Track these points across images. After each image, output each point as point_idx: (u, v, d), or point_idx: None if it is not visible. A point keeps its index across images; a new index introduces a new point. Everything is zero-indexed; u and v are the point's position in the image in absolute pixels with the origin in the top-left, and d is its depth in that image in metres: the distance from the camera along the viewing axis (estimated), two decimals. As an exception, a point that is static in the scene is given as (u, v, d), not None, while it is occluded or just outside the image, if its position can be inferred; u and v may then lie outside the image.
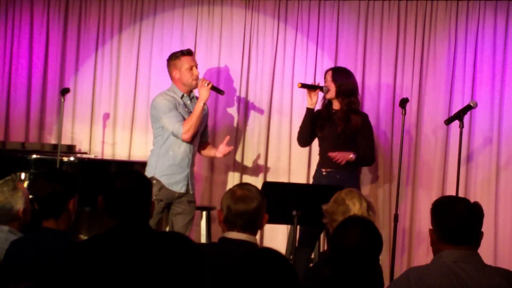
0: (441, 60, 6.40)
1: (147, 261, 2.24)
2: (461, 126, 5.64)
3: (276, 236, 6.61)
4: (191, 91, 5.84)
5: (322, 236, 6.07)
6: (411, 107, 6.32)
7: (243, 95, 6.76)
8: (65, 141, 6.94)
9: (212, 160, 6.77)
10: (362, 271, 2.99)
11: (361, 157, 5.77)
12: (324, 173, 5.79)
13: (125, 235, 3.17)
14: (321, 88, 5.83)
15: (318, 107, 5.97)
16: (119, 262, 2.91)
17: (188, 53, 5.85)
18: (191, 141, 5.72)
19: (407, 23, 6.49)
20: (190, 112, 5.74)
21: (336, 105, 5.82)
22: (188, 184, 5.73)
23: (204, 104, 5.71)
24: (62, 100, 6.30)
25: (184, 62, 5.78)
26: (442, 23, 6.41)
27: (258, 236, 3.48)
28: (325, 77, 5.87)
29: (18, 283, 3.24)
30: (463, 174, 6.13)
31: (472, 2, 6.37)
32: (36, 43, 7.21)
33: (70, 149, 6.89)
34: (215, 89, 5.87)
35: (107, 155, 7.00)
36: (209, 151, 6.04)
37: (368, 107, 6.51)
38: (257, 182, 6.25)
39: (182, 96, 5.77)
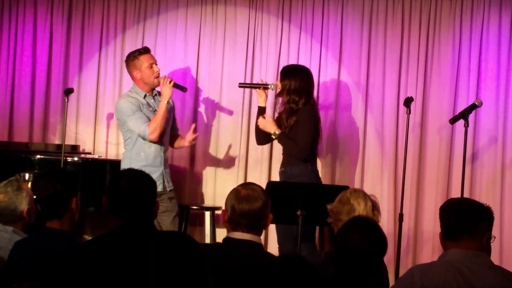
0: (446, 58, 6.38)
1: (151, 260, 2.24)
2: (466, 125, 5.62)
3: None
4: (153, 89, 5.82)
5: (326, 234, 6.07)
6: (416, 106, 6.31)
7: (247, 94, 6.75)
8: (69, 141, 6.94)
9: (216, 159, 6.77)
10: (366, 272, 2.98)
11: (290, 145, 5.68)
12: (280, 170, 5.81)
13: (130, 235, 3.16)
14: (265, 86, 5.84)
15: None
16: (124, 262, 2.90)
17: (146, 51, 5.82)
18: (159, 140, 5.70)
19: (412, 22, 6.47)
20: (154, 111, 5.72)
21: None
22: (164, 182, 5.72)
23: (168, 102, 5.68)
24: (66, 100, 6.30)
25: (143, 60, 5.75)
26: (446, 21, 6.40)
27: (262, 236, 3.46)
28: None
29: (22, 283, 3.23)
30: (468, 173, 6.12)
31: (476, 1, 6.35)
32: (39, 43, 7.21)
33: (74, 149, 6.90)
34: (177, 86, 5.84)
35: (111, 155, 6.99)
36: (179, 142, 6.02)
37: (372, 106, 6.50)
38: (262, 181, 6.23)
39: (145, 95, 5.76)
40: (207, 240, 6.38)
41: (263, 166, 6.66)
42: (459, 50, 6.36)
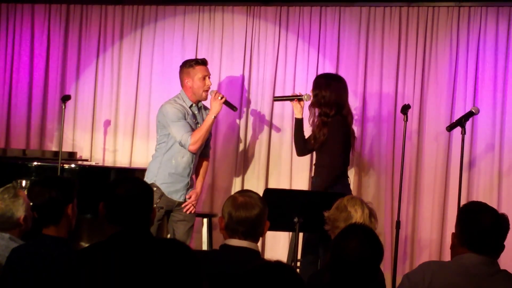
0: (443, 66, 6.39)
1: (146, 268, 2.23)
2: (463, 133, 5.61)
3: (277, 243, 6.59)
4: (199, 101, 5.81)
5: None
6: (413, 113, 6.31)
7: (244, 102, 6.75)
8: (66, 148, 6.94)
9: (213, 167, 6.76)
10: (362, 280, 2.98)
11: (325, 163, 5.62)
12: (311, 180, 5.83)
13: (126, 242, 3.16)
14: (299, 98, 5.80)
15: None
16: (120, 269, 2.90)
17: (203, 62, 5.78)
18: (191, 152, 5.70)
19: (409, 29, 6.48)
20: (197, 124, 5.71)
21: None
22: (186, 193, 5.72)
23: (215, 117, 5.69)
24: (63, 107, 6.30)
25: (198, 71, 5.72)
26: (443, 28, 6.41)
27: (259, 243, 3.46)
28: None
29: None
30: (465, 180, 6.12)
31: (473, 8, 6.36)
32: (37, 50, 7.22)
33: (71, 156, 6.90)
34: (228, 104, 5.81)
35: (108, 162, 6.99)
36: (197, 180, 5.90)
37: (369, 113, 6.50)
38: (259, 189, 6.23)
39: (191, 105, 5.74)
40: (204, 247, 6.37)
41: (260, 174, 6.66)
42: (456, 58, 6.37)
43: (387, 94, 6.49)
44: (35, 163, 6.34)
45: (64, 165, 6.26)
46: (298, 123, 5.84)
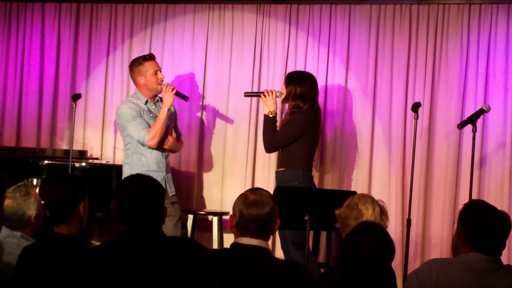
0: (454, 63, 6.37)
1: (158, 266, 2.24)
2: (474, 130, 5.61)
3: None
4: (155, 95, 5.83)
5: (333, 240, 6.07)
6: (424, 111, 6.29)
7: (254, 100, 6.75)
8: (77, 146, 6.94)
9: (223, 165, 6.77)
10: (373, 278, 2.97)
11: (268, 133, 5.73)
12: (276, 172, 5.85)
13: (137, 241, 3.16)
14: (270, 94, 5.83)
15: None
16: (131, 267, 2.90)
17: (151, 57, 5.84)
18: (160, 146, 5.70)
19: (419, 27, 6.46)
20: (155, 117, 5.73)
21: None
22: (166, 187, 5.72)
23: (168, 109, 5.70)
24: (74, 105, 6.30)
25: (148, 67, 5.77)
26: (454, 26, 6.39)
27: (270, 242, 3.46)
28: None
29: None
30: (476, 178, 6.09)
31: (484, 5, 6.34)
32: (47, 49, 7.23)
33: (82, 155, 6.91)
34: (179, 95, 5.85)
35: (119, 161, 6.99)
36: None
37: (379, 111, 6.49)
38: (269, 187, 6.23)
39: (146, 101, 5.77)
40: (215, 245, 6.37)
41: (271, 172, 6.65)
42: (467, 55, 6.35)
43: (397, 92, 6.47)
44: (46, 161, 6.36)
45: (75, 163, 6.27)
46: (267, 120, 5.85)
